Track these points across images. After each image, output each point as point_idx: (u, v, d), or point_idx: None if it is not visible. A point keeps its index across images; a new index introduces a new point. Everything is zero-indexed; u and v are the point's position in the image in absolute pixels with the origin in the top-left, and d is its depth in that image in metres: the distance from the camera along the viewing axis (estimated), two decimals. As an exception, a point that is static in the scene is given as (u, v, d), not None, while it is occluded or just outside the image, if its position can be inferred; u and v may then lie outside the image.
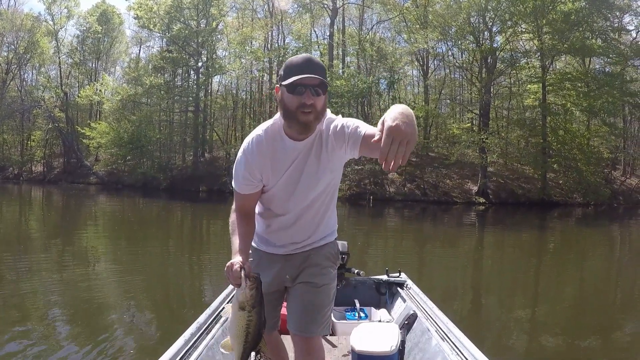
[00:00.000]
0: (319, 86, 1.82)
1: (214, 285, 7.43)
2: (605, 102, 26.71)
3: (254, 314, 1.67)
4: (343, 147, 1.90)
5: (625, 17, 30.58)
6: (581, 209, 25.78)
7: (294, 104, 1.83)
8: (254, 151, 1.96)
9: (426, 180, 28.25)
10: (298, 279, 2.14)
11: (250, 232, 2.07)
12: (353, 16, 37.28)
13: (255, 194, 2.05)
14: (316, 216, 2.12)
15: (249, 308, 1.66)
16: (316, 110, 1.84)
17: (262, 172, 1.98)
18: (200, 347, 2.74)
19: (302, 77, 1.79)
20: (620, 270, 10.56)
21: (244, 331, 1.68)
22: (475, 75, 30.37)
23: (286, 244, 2.16)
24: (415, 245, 13.35)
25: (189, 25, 32.44)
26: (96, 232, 13.70)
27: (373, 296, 4.30)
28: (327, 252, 2.18)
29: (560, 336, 5.72)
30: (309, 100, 1.81)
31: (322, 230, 2.17)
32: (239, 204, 2.09)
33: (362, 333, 2.97)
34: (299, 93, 1.81)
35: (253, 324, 1.68)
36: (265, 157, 1.96)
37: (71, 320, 5.52)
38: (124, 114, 35.43)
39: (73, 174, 37.18)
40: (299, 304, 2.12)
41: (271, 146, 1.96)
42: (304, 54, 1.92)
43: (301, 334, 2.10)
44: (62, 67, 40.86)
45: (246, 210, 2.09)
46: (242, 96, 38.62)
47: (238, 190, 2.06)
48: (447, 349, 2.82)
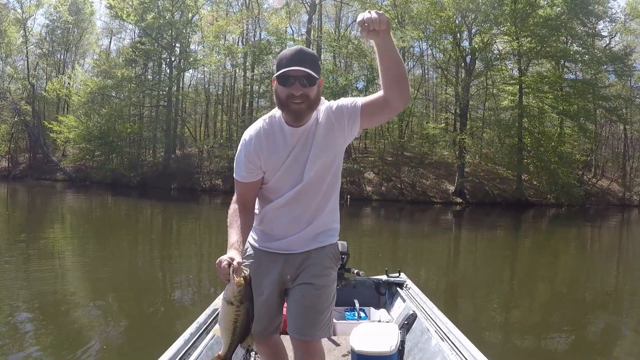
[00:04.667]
0: (306, 77, 1.89)
1: (184, 285, 7.47)
2: (579, 106, 27.29)
3: (242, 309, 1.70)
4: (342, 123, 1.99)
5: (599, 24, 31.21)
6: (555, 210, 26.38)
7: (284, 94, 1.92)
8: (253, 139, 2.04)
9: (403, 180, 28.24)
10: (298, 279, 2.12)
11: (247, 225, 2.07)
12: (330, 14, 37.20)
13: (255, 182, 2.09)
14: (313, 201, 2.10)
15: (237, 303, 1.69)
16: (308, 100, 1.92)
17: (261, 158, 2.03)
18: (200, 347, 2.76)
19: (289, 69, 1.87)
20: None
21: (232, 325, 1.72)
22: (453, 75, 30.53)
23: (286, 235, 2.13)
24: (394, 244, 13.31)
25: (163, 16, 31.66)
26: (63, 232, 13.13)
27: (373, 296, 4.33)
28: (329, 252, 2.16)
29: (559, 335, 5.82)
30: (297, 92, 1.89)
31: (321, 224, 2.14)
32: (239, 193, 2.11)
33: (361, 333, 2.96)
34: (288, 84, 1.90)
35: (241, 319, 1.72)
36: (263, 144, 2.03)
37: (36, 323, 5.33)
38: (94, 108, 34.43)
39: (39, 170, 35.92)
40: (299, 307, 2.10)
41: (271, 134, 2.03)
42: (296, 46, 1.99)
43: (301, 338, 2.10)
44: (29, 57, 39.50)
45: (246, 200, 2.10)
46: (214, 91, 38.02)
47: (239, 178, 2.09)
48: (446, 349, 2.84)
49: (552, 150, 27.94)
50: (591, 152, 31.87)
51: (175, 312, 6.08)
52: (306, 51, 1.95)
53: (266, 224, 2.17)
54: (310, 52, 1.97)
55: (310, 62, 1.90)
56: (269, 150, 2.02)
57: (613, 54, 30.18)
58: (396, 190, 27.72)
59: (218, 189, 28.69)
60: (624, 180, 33.26)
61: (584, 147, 31.30)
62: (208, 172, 30.73)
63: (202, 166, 31.43)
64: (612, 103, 29.26)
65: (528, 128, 28.35)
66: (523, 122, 27.99)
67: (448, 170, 29.43)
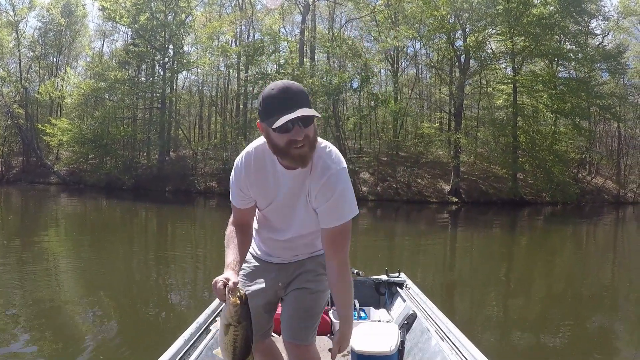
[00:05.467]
0: (307, 118, 1.69)
1: (180, 288, 7.43)
2: (574, 104, 27.39)
3: (240, 329, 1.68)
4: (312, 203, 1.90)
5: (592, 22, 31.34)
6: (550, 208, 26.48)
7: (283, 141, 1.72)
8: (243, 169, 1.92)
9: (399, 180, 28.22)
10: (291, 285, 2.12)
11: (245, 245, 2.01)
12: (323, 14, 37.16)
13: (249, 209, 2.02)
14: (307, 240, 2.08)
15: (235, 324, 1.68)
16: (309, 140, 1.73)
17: (250, 190, 1.94)
18: (200, 347, 2.76)
19: (291, 118, 1.63)
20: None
21: (231, 345, 1.70)
22: (447, 75, 30.55)
23: (281, 256, 2.15)
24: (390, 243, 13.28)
25: (157, 18, 31.49)
26: (57, 236, 13.00)
27: (373, 296, 4.33)
28: (323, 260, 2.07)
29: (557, 332, 5.82)
30: (299, 136, 1.69)
31: (316, 246, 2.12)
32: (235, 216, 2.05)
33: (361, 333, 2.97)
34: (286, 130, 1.68)
35: (240, 339, 1.69)
36: (252, 176, 1.91)
37: (32, 328, 5.28)
38: (87, 110, 34.17)
39: (33, 173, 35.66)
40: (293, 311, 2.08)
41: (262, 169, 1.91)
42: (280, 83, 1.72)
43: (294, 342, 2.08)
44: (22, 60, 39.22)
45: (242, 223, 2.04)
46: (208, 93, 37.90)
47: (234, 203, 2.01)
48: (446, 349, 2.83)
49: (547, 149, 28.02)
50: (586, 150, 31.96)
51: (172, 314, 6.04)
52: (294, 88, 1.71)
53: (262, 242, 2.16)
54: (299, 87, 1.73)
55: (303, 98, 1.70)
56: (258, 186, 1.92)
57: (606, 52, 30.29)
58: (392, 190, 27.69)
59: (213, 191, 28.55)
60: (618, 177, 33.41)
61: (579, 145, 31.38)
62: (203, 174, 30.59)
63: (196, 168, 31.28)
64: (606, 101, 29.36)
65: (523, 127, 28.42)
66: (518, 121, 28.06)
67: (443, 170, 29.44)
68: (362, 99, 32.60)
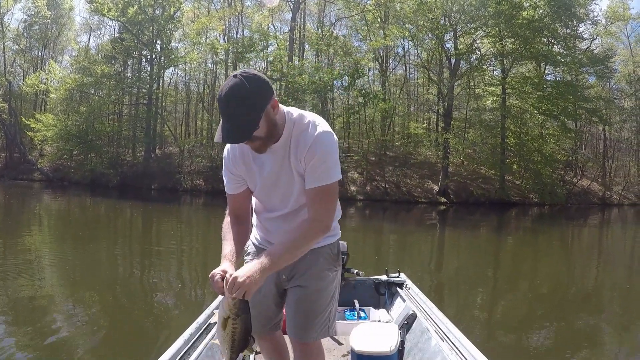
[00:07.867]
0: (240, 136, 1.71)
1: (165, 288, 7.28)
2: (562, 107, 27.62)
3: (239, 322, 1.68)
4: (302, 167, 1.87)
5: (581, 26, 31.61)
6: (537, 209, 26.74)
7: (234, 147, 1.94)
8: (229, 153, 2.00)
9: (387, 180, 28.20)
10: (293, 280, 2.09)
11: (241, 236, 2.01)
12: (313, 12, 37.05)
13: (243, 193, 2.03)
14: (302, 217, 2.00)
15: (233, 316, 1.67)
16: (260, 140, 1.77)
17: (239, 172, 1.99)
18: (200, 347, 2.76)
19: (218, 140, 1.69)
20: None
21: (230, 338, 1.70)
22: (437, 75, 30.59)
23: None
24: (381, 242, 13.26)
25: (145, 11, 31.08)
26: (40, 234, 12.68)
27: (372, 296, 4.33)
28: (326, 253, 2.09)
29: (555, 331, 5.89)
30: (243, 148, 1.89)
31: None
32: (230, 205, 2.07)
33: (361, 333, 2.95)
34: None
35: (239, 332, 1.69)
36: (238, 160, 1.97)
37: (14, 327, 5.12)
38: (72, 106, 33.63)
39: (16, 169, 34.98)
40: (294, 310, 2.08)
41: (242, 151, 1.95)
42: (226, 89, 1.66)
43: (297, 339, 2.09)
44: (6, 54, 38.57)
45: (238, 212, 2.06)
46: (195, 89, 37.57)
47: (227, 190, 2.04)
48: (446, 349, 2.83)
49: (536, 149, 28.23)
50: (573, 152, 32.25)
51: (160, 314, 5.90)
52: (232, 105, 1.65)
53: (262, 230, 2.14)
54: (239, 98, 1.65)
55: (241, 113, 1.65)
56: (245, 166, 1.96)
57: (594, 56, 30.62)
58: (381, 190, 27.67)
59: (200, 189, 28.24)
60: (603, 179, 33.80)
61: (566, 147, 31.66)
62: (189, 172, 30.28)
63: (183, 166, 30.95)
64: (592, 104, 29.67)
65: (511, 128, 28.58)
66: (506, 123, 28.21)
67: (432, 170, 29.51)
68: (351, 98, 32.49)
